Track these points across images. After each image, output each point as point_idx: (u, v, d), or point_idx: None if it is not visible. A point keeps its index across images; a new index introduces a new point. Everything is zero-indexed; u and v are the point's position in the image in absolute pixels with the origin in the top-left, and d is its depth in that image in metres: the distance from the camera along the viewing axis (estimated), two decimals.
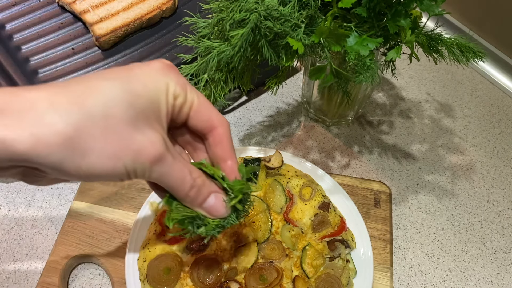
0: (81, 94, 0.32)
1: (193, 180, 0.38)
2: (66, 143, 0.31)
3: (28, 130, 0.30)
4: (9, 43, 0.71)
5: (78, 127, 0.31)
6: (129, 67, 0.36)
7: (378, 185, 0.65)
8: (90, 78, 0.34)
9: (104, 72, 0.35)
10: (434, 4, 0.48)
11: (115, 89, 0.33)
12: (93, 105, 0.32)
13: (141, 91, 0.34)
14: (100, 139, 0.32)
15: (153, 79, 0.35)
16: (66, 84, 0.33)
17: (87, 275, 0.59)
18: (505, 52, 0.82)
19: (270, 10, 0.43)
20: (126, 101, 0.33)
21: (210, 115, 0.39)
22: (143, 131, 0.34)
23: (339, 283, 0.54)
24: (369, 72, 0.49)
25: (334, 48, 0.48)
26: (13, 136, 0.30)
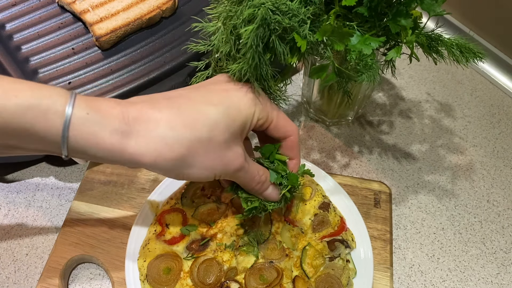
0: (192, 120, 0.41)
1: (259, 178, 0.48)
2: (178, 159, 0.41)
3: (152, 146, 0.40)
4: (9, 43, 0.71)
5: (189, 147, 0.41)
6: (228, 90, 0.45)
7: (378, 185, 0.65)
8: (199, 102, 0.42)
9: (210, 94, 0.44)
10: (434, 3, 0.48)
11: (218, 115, 0.42)
12: (201, 129, 0.41)
13: (236, 116, 0.43)
14: (202, 156, 0.42)
15: (246, 105, 0.44)
16: (180, 106, 0.42)
17: (87, 275, 0.59)
18: (505, 52, 0.82)
19: (278, 4, 0.43)
20: (225, 125, 0.43)
21: (285, 128, 0.49)
22: (232, 148, 0.44)
23: (339, 283, 0.54)
24: (371, 71, 0.49)
25: (337, 47, 0.48)
26: (141, 151, 0.39)
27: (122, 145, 0.39)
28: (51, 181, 0.68)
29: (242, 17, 0.44)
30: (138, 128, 0.39)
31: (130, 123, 0.39)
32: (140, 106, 0.40)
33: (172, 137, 0.40)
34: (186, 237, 0.57)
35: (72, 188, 0.67)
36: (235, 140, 0.44)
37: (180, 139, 0.40)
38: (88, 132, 0.38)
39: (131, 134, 0.39)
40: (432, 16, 0.49)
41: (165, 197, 0.60)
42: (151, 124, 0.40)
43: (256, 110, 0.45)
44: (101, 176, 0.66)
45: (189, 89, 0.45)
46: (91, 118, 0.38)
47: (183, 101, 0.42)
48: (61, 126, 0.37)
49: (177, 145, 0.40)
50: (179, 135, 0.40)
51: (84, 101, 0.38)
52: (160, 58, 0.70)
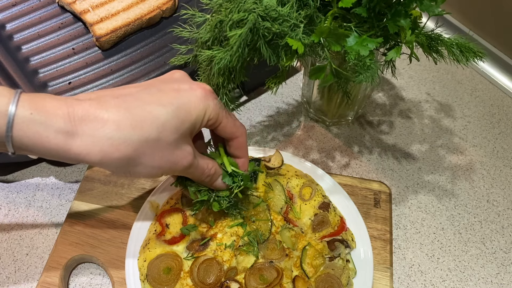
0: (141, 121, 0.41)
1: (209, 171, 0.50)
2: (125, 159, 0.41)
3: (98, 146, 0.40)
4: (9, 43, 0.71)
5: (136, 148, 0.41)
6: (179, 90, 0.45)
7: (378, 185, 0.65)
8: (148, 102, 0.42)
9: (160, 94, 0.44)
10: (434, 4, 0.48)
11: (167, 116, 0.42)
12: (149, 130, 0.41)
13: (185, 117, 0.44)
14: (149, 156, 0.42)
15: (196, 106, 0.44)
16: (129, 106, 0.41)
17: (87, 275, 0.59)
18: (505, 52, 0.82)
19: (268, 11, 0.43)
20: (174, 126, 0.43)
21: (233, 129, 0.49)
22: (181, 147, 0.44)
23: (339, 283, 0.54)
24: (369, 72, 0.49)
25: (334, 48, 0.48)
26: (86, 151, 0.40)
27: (67, 145, 0.39)
28: (51, 181, 0.68)
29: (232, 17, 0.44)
30: (84, 128, 0.39)
31: (76, 123, 0.39)
32: (87, 105, 0.40)
33: (118, 138, 0.40)
34: (186, 237, 0.57)
35: (72, 188, 0.68)
36: (184, 139, 0.45)
37: (127, 140, 0.40)
38: (33, 131, 0.38)
39: (76, 134, 0.39)
40: (432, 16, 0.49)
41: (165, 197, 0.60)
42: (98, 124, 0.40)
43: (207, 111, 0.45)
44: (101, 176, 0.66)
45: (139, 87, 0.45)
46: (34, 118, 0.38)
47: (131, 100, 0.42)
48: (4, 127, 0.37)
49: (123, 146, 0.40)
50: (126, 135, 0.40)
51: (28, 101, 0.38)
52: (160, 58, 0.70)
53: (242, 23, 0.43)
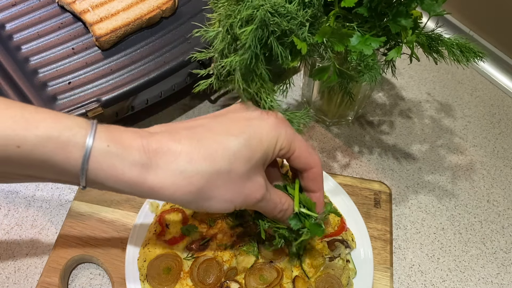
0: (212, 152, 0.40)
1: (281, 206, 0.47)
2: (197, 192, 0.40)
3: (171, 179, 0.39)
4: (9, 43, 0.71)
5: (208, 180, 0.40)
6: (249, 119, 0.44)
7: (378, 185, 0.65)
8: (218, 133, 0.42)
9: (230, 123, 0.43)
10: (435, 4, 0.48)
11: (238, 146, 0.41)
12: (221, 162, 0.40)
13: (257, 147, 0.42)
14: (221, 188, 0.41)
15: (268, 135, 0.43)
16: (200, 137, 0.41)
17: (87, 275, 0.59)
18: (505, 52, 0.82)
19: (277, 7, 0.43)
20: (245, 157, 0.41)
21: (308, 159, 0.46)
22: (253, 179, 0.43)
23: (339, 283, 0.54)
24: (372, 71, 0.49)
25: (337, 48, 0.48)
26: (160, 185, 0.39)
27: (141, 178, 0.39)
28: None
29: (240, 17, 0.44)
30: (158, 161, 0.39)
31: (150, 155, 0.39)
32: (160, 137, 0.40)
33: (191, 171, 0.39)
34: (186, 237, 0.57)
35: (72, 188, 0.67)
36: (256, 170, 0.43)
37: (199, 172, 0.39)
38: (108, 165, 0.37)
39: (150, 167, 0.39)
40: (432, 16, 0.49)
41: None
42: (171, 157, 0.39)
43: (278, 139, 0.43)
44: None
45: (209, 118, 0.44)
46: (111, 150, 0.37)
47: (202, 131, 0.42)
48: (80, 159, 0.36)
49: (195, 178, 0.40)
50: (198, 168, 0.39)
51: (105, 133, 0.38)
52: (160, 58, 0.70)
53: (251, 21, 0.43)
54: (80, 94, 0.65)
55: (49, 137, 0.35)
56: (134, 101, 0.67)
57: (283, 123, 0.45)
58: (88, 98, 0.64)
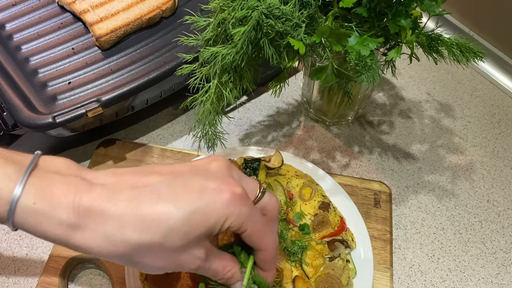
0: (147, 223, 0.38)
1: (223, 275, 0.44)
2: (123, 257, 0.39)
3: (97, 242, 0.38)
4: (9, 43, 0.71)
5: (135, 249, 0.38)
6: (202, 191, 0.40)
7: (378, 185, 0.65)
8: (162, 200, 0.39)
9: (181, 189, 0.40)
10: (434, 4, 0.48)
11: (177, 221, 0.38)
12: (153, 235, 0.38)
13: (201, 222, 0.39)
14: (150, 257, 0.39)
15: (217, 212, 0.40)
16: (140, 202, 0.38)
17: (87, 275, 0.59)
18: (505, 52, 0.82)
19: (271, 9, 0.43)
20: (184, 232, 0.39)
21: (258, 241, 0.44)
22: (189, 251, 0.40)
23: (339, 283, 0.54)
24: (370, 72, 0.49)
25: (335, 48, 0.48)
26: (86, 245, 0.38)
27: (66, 236, 0.38)
28: None
29: (234, 15, 0.44)
30: (87, 221, 0.38)
31: (80, 215, 0.37)
32: (97, 194, 0.38)
33: (118, 237, 0.38)
34: None
35: None
36: (195, 243, 0.40)
37: (126, 241, 0.38)
38: (34, 221, 0.37)
39: (78, 228, 0.38)
40: (432, 16, 0.49)
41: None
42: (101, 219, 0.38)
43: (228, 218, 0.40)
44: None
45: (165, 175, 0.41)
46: (37, 208, 0.37)
47: (146, 194, 0.39)
48: (5, 213, 0.37)
49: (122, 245, 0.38)
50: (126, 237, 0.38)
51: (35, 186, 0.37)
52: (160, 58, 0.70)
53: (245, 21, 0.43)
54: (80, 94, 0.65)
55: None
56: (134, 101, 0.67)
57: (240, 201, 0.41)
58: (88, 98, 0.64)
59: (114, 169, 0.41)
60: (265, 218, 0.45)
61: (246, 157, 0.63)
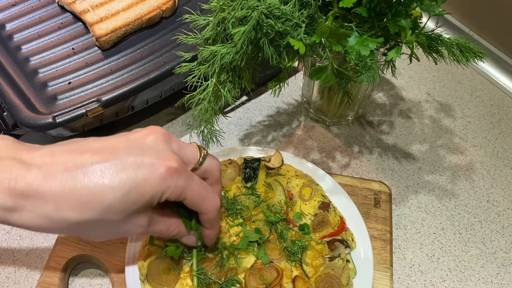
0: (83, 203, 0.39)
1: (169, 233, 0.48)
2: (65, 231, 0.43)
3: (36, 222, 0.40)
4: (9, 43, 0.71)
5: (75, 226, 0.40)
6: (137, 167, 0.40)
7: (378, 185, 0.65)
8: (96, 181, 0.39)
9: (115, 168, 0.40)
10: (434, 4, 0.48)
11: (113, 200, 0.40)
12: (90, 213, 0.40)
13: (136, 199, 0.41)
14: (92, 230, 0.42)
15: (152, 188, 0.41)
16: (75, 183, 0.39)
17: (87, 275, 0.59)
18: (505, 52, 0.82)
19: (271, 9, 0.43)
20: (120, 209, 0.41)
21: (200, 207, 0.46)
22: (130, 221, 0.42)
23: (339, 283, 0.54)
24: (370, 72, 0.49)
25: (335, 48, 0.48)
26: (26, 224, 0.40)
27: (6, 217, 0.39)
28: None
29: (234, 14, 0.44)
30: (25, 203, 0.39)
31: (16, 198, 0.39)
32: (32, 177, 0.39)
33: (57, 218, 0.40)
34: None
35: None
36: (135, 214, 0.42)
37: (65, 220, 0.40)
38: None
39: (15, 209, 0.39)
40: (432, 16, 0.49)
41: None
42: (38, 201, 0.39)
43: (165, 192, 0.42)
44: None
45: (98, 154, 0.41)
46: None
47: (81, 176, 0.40)
48: None
49: (61, 224, 0.40)
50: (64, 216, 0.39)
51: None
52: (160, 58, 0.70)
53: (245, 21, 0.43)
54: (80, 94, 0.65)
55: None
56: (134, 101, 0.68)
57: (175, 174, 0.42)
58: (88, 98, 0.64)
59: (50, 148, 0.42)
60: (206, 182, 0.47)
61: (246, 157, 0.63)
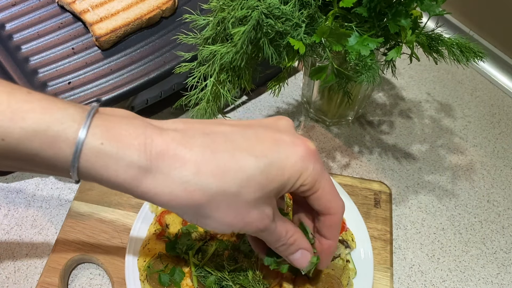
0: (225, 169, 0.35)
1: (286, 240, 0.42)
2: (195, 207, 0.36)
3: (170, 188, 0.35)
4: (9, 43, 0.71)
5: (210, 198, 0.36)
6: (278, 141, 0.38)
7: (378, 185, 0.65)
8: (239, 149, 0.36)
9: (255, 140, 0.37)
10: (434, 4, 0.48)
11: (255, 171, 0.36)
12: (230, 183, 0.36)
13: (276, 176, 0.37)
14: (222, 210, 0.37)
15: (292, 166, 0.37)
16: (216, 149, 0.36)
17: (87, 275, 0.59)
18: (505, 52, 0.82)
19: (271, 9, 0.43)
20: (260, 184, 0.36)
21: (329, 204, 0.42)
22: (260, 207, 0.38)
23: (339, 283, 0.54)
24: (370, 72, 0.49)
25: (335, 48, 0.48)
26: (156, 190, 0.35)
27: (136, 180, 0.35)
28: (51, 181, 0.68)
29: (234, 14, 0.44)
30: (160, 165, 0.35)
31: (152, 158, 0.34)
32: (170, 138, 0.35)
33: (194, 183, 0.35)
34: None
35: (72, 188, 0.67)
36: (267, 199, 0.38)
37: (203, 188, 0.35)
38: (101, 164, 0.34)
39: (149, 171, 0.35)
40: (432, 16, 0.49)
41: None
42: (176, 163, 0.35)
43: (303, 174, 0.38)
44: None
45: (235, 126, 0.39)
46: (105, 149, 0.34)
47: (221, 142, 0.36)
48: (70, 156, 0.33)
49: (198, 193, 0.35)
50: (203, 182, 0.35)
51: (101, 128, 0.34)
52: (160, 58, 0.70)
53: (245, 20, 0.43)
54: (80, 94, 0.65)
55: (36, 131, 0.32)
56: (134, 101, 0.68)
57: (314, 157, 0.39)
58: (88, 98, 0.64)
59: (182, 119, 0.39)
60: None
61: None
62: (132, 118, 0.36)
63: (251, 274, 0.52)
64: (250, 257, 0.54)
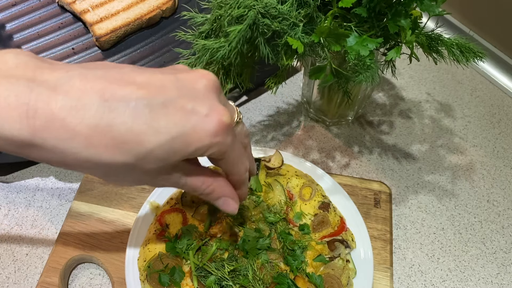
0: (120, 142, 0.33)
1: (202, 190, 0.42)
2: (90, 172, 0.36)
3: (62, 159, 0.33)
4: (9, 43, 0.71)
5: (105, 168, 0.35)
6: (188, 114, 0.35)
7: (378, 185, 0.65)
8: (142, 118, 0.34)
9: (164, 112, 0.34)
10: (434, 4, 0.48)
11: (154, 146, 0.34)
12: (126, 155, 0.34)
13: (179, 150, 0.35)
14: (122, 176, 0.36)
15: (198, 140, 0.36)
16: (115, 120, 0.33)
17: (87, 275, 0.59)
18: (505, 52, 0.82)
19: (268, 8, 0.43)
20: (160, 158, 0.35)
21: (231, 169, 0.43)
22: (165, 172, 0.38)
23: (339, 283, 0.54)
24: (369, 72, 0.49)
25: (334, 48, 0.48)
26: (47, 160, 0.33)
27: (22, 153, 0.33)
28: (51, 181, 0.68)
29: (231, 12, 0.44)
30: (46, 137, 0.32)
31: (36, 131, 0.31)
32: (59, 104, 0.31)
33: (85, 156, 0.33)
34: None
35: (72, 188, 0.67)
36: (172, 166, 0.38)
37: (95, 161, 0.33)
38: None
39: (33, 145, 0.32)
40: (432, 16, 0.49)
41: (165, 197, 0.60)
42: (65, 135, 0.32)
43: (209, 149, 0.37)
44: None
45: (142, 90, 0.34)
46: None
47: (122, 109, 0.33)
48: None
49: (89, 164, 0.33)
50: (95, 156, 0.33)
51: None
52: (160, 58, 0.70)
53: (241, 19, 0.43)
54: None
55: None
56: None
57: (225, 131, 0.37)
58: None
59: (81, 70, 0.34)
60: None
61: None
62: (16, 78, 0.32)
63: (251, 274, 0.53)
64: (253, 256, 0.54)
